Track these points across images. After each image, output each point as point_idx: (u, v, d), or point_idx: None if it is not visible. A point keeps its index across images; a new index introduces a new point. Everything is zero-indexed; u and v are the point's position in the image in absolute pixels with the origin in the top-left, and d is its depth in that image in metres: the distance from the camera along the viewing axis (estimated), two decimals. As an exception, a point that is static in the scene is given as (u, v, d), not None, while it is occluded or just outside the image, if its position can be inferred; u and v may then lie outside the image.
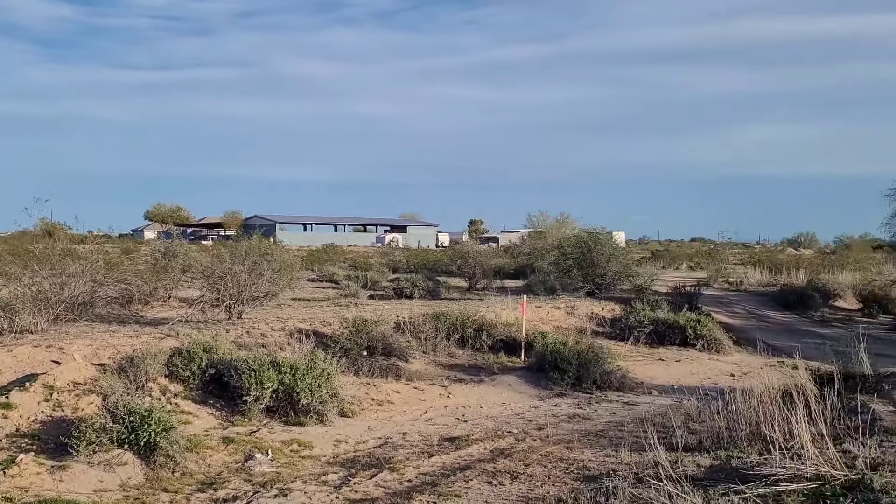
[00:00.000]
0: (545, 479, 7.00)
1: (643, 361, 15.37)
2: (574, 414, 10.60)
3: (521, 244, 45.71)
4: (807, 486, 5.33)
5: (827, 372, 9.19)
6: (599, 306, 20.30)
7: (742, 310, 25.41)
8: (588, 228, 27.01)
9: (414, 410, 10.80)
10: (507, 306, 17.58)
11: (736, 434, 7.38)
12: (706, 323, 17.63)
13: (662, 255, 52.38)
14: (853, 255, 40.69)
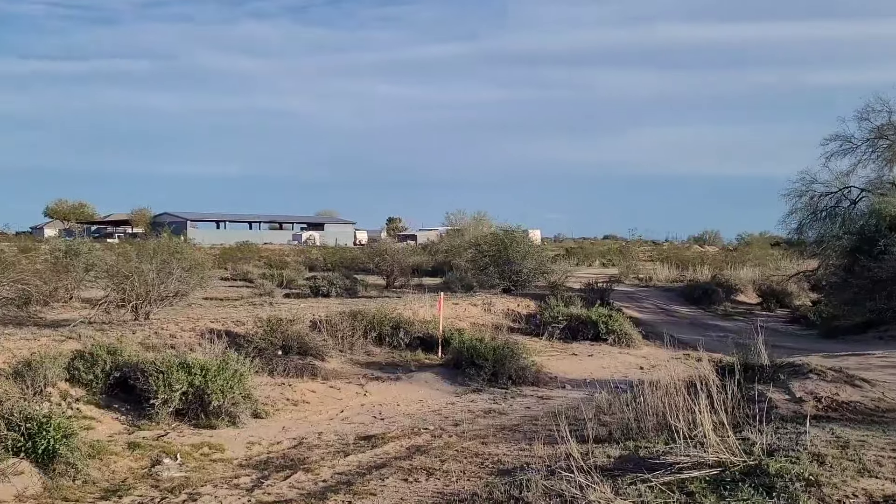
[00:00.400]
0: (460, 474, 7.05)
1: (557, 356, 15.71)
2: (490, 409, 10.73)
3: (439, 242, 45.90)
4: (708, 473, 5.55)
5: (728, 363, 9.61)
6: (515, 303, 20.61)
7: (651, 305, 26.34)
8: (504, 226, 27.39)
9: (330, 410, 10.68)
10: (425, 304, 17.61)
11: (644, 425, 7.61)
12: (617, 318, 18.18)
13: (576, 252, 53.58)
14: (753, 252, 42.74)
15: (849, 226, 23.22)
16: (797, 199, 25.68)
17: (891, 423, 6.99)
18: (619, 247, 60.15)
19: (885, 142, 24.47)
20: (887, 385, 9.15)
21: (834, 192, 25.34)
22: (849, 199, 25.10)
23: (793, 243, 28.72)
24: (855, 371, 10.08)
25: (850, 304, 19.50)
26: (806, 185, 25.51)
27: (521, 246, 24.34)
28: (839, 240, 23.08)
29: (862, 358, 12.47)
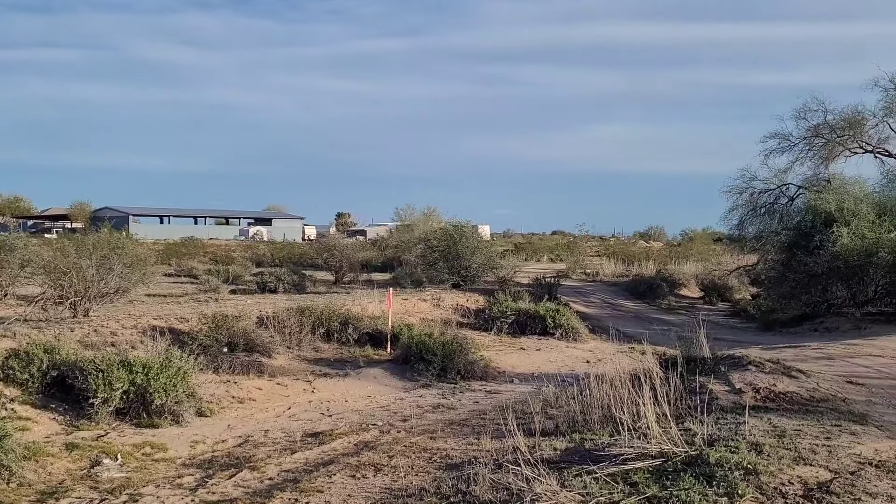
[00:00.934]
0: (408, 469, 7.04)
1: (506, 351, 15.82)
2: (438, 404, 10.74)
3: (388, 237, 45.77)
4: (652, 464, 5.66)
5: (672, 356, 9.83)
6: (464, 298, 20.68)
7: (598, 299, 26.75)
8: (454, 222, 27.42)
9: (277, 407, 10.54)
10: (374, 299, 17.54)
11: (590, 417, 7.71)
12: (564, 312, 18.40)
13: (525, 247, 54.16)
14: (696, 248, 43.80)
15: (786, 222, 23.98)
16: (738, 196, 26.41)
17: (825, 412, 7.23)
18: (567, 242, 60.87)
19: (820, 140, 25.32)
20: (822, 375, 9.48)
21: (773, 189, 26.12)
22: (787, 196, 25.91)
23: (734, 239, 29.50)
24: (792, 362, 10.42)
25: (788, 297, 20.16)
26: (746, 183, 26.26)
27: (470, 241, 24.43)
28: (777, 235, 23.81)
29: (798, 350, 12.90)
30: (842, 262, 18.34)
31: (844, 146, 25.25)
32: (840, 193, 21.23)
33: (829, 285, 19.42)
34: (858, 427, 6.59)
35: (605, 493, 5.11)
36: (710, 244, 44.37)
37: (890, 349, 12.36)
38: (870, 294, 19.29)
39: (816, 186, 24.24)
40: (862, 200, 20.48)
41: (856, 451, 5.77)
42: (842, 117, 25.13)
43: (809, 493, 4.84)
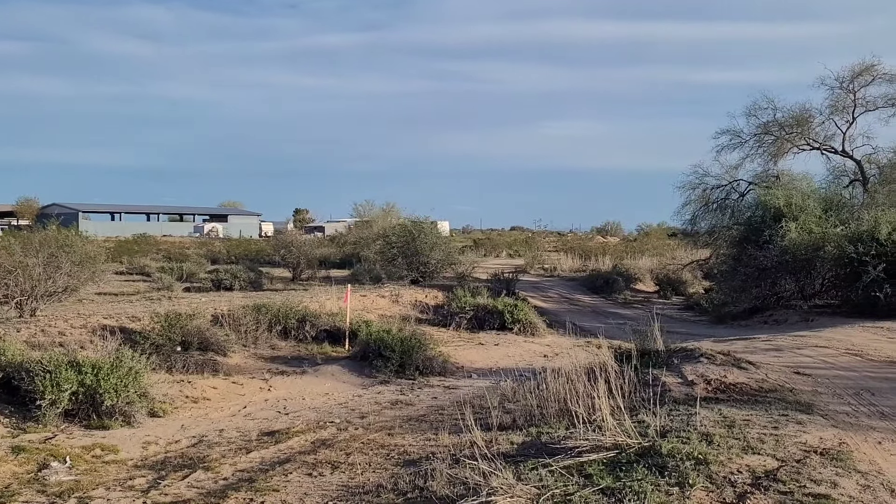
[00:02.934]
0: (366, 466, 7.01)
1: (464, 346, 15.87)
2: (397, 400, 10.72)
3: (347, 233, 45.50)
4: (606, 456, 5.73)
5: (626, 350, 9.98)
6: (423, 294, 20.69)
7: (555, 294, 27.02)
8: (413, 218, 27.43)
9: (232, 406, 10.41)
10: (332, 296, 17.44)
11: (546, 411, 7.78)
12: (523, 308, 18.54)
13: (484, 243, 54.41)
14: (651, 242, 44.58)
15: (737, 217, 24.57)
16: (691, 192, 27.01)
17: (773, 402, 7.41)
18: (526, 238, 61.38)
19: (770, 137, 25.99)
20: (770, 367, 9.71)
21: (724, 185, 26.74)
22: (738, 192, 26.55)
23: (687, 234, 30.11)
24: (742, 354, 10.65)
25: (739, 290, 20.61)
26: (699, 179, 26.85)
27: (429, 237, 24.46)
28: (729, 230, 24.37)
29: (748, 342, 13.18)
30: (790, 257, 18.84)
31: (793, 143, 25.97)
32: (788, 189, 21.80)
33: (779, 279, 19.91)
34: (804, 416, 6.77)
35: (561, 486, 5.16)
36: (664, 239, 45.19)
37: (835, 340, 12.73)
38: (817, 287, 19.84)
39: (766, 182, 24.88)
40: (809, 196, 21.06)
41: (802, 439, 5.93)
42: (790, 115, 25.86)
43: (757, 481, 4.96)
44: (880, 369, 9.96)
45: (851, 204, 22.40)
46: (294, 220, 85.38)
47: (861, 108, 25.09)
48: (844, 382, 8.82)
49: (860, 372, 9.69)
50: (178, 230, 71.03)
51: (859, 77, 24.88)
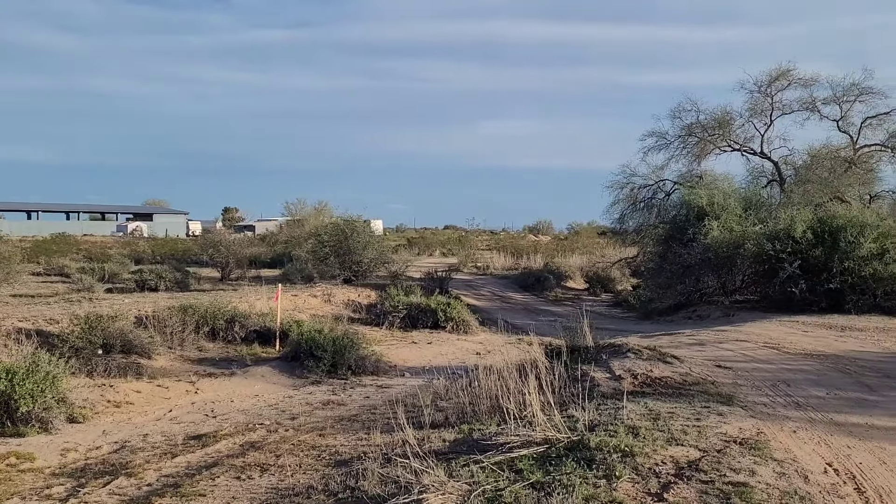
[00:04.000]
0: (296, 468, 6.90)
1: (397, 345, 15.83)
2: (328, 401, 10.60)
3: (278, 232, 44.83)
4: (536, 451, 5.81)
5: (557, 346, 10.13)
6: (356, 293, 20.55)
7: (488, 292, 27.25)
8: (346, 216, 27.22)
9: (157, 410, 10.09)
10: (262, 296, 17.13)
11: (478, 408, 7.83)
12: (455, 306, 18.62)
13: (418, 242, 54.43)
14: (582, 241, 45.50)
15: (663, 216, 25.29)
16: (619, 191, 27.67)
17: (696, 395, 7.65)
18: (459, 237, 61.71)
19: (694, 139, 26.85)
20: (694, 360, 10.03)
21: (651, 184, 27.49)
22: (664, 192, 27.33)
23: (616, 232, 30.83)
24: (667, 349, 10.96)
25: (665, 287, 21.22)
26: (627, 178, 27.54)
27: (362, 236, 24.33)
28: (655, 229, 25.06)
29: (673, 337, 13.59)
30: (712, 254, 19.50)
31: (715, 144, 26.90)
32: (711, 189, 22.56)
33: (702, 276, 20.59)
34: (725, 408, 7.02)
35: (492, 482, 5.20)
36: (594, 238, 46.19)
37: (754, 334, 13.25)
38: (737, 283, 20.60)
39: (690, 182, 25.68)
40: (730, 196, 21.83)
41: (722, 430, 6.14)
42: (712, 117, 26.78)
43: (680, 471, 5.10)
44: (796, 361, 10.42)
45: (769, 203, 23.36)
46: (223, 219, 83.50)
47: (778, 112, 26.20)
48: (763, 375, 9.19)
49: (777, 364, 10.12)
50: (100, 229, 68.46)
51: (776, 82, 25.96)
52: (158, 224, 72.99)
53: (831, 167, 25.09)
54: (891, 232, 16.70)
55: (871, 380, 9.08)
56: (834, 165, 25.17)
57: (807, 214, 18.54)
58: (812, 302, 16.35)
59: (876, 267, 15.92)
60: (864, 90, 24.99)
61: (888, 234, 16.56)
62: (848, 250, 16.24)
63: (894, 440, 6.30)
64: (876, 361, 10.50)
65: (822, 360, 10.42)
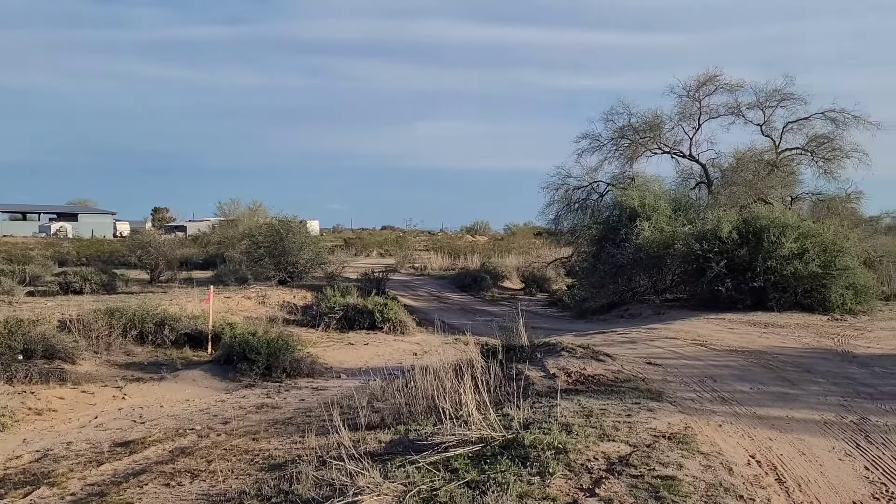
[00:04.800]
0: (228, 473, 6.76)
1: (334, 346, 15.69)
2: (262, 404, 10.42)
3: (211, 233, 43.86)
4: (472, 450, 5.83)
5: (493, 346, 10.19)
6: (291, 294, 20.28)
7: (425, 293, 27.29)
8: (281, 216, 26.83)
9: (82, 417, 9.72)
10: (194, 298, 16.73)
11: (415, 409, 7.82)
12: (393, 307, 18.58)
13: (355, 242, 54.07)
14: (518, 241, 46.01)
15: (597, 217, 25.78)
16: (554, 192, 28.11)
17: (627, 391, 7.82)
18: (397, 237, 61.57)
19: (626, 141, 27.48)
20: (625, 358, 10.26)
21: (585, 185, 28.02)
22: (597, 193, 27.89)
23: (551, 233, 31.30)
24: (600, 347, 11.19)
25: (598, 287, 21.64)
26: (562, 180, 28.00)
27: (297, 237, 24.03)
28: (589, 229, 25.52)
29: (606, 335, 13.88)
30: (644, 254, 20.00)
31: (646, 147, 27.59)
32: (642, 190, 23.13)
33: (634, 275, 21.09)
34: (655, 404, 7.20)
35: (427, 482, 5.20)
36: (531, 238, 46.74)
37: (683, 332, 13.64)
38: (668, 282, 21.18)
39: (622, 184, 26.26)
40: (660, 197, 22.42)
41: (652, 425, 6.29)
42: (643, 120, 27.47)
43: (611, 466, 5.21)
44: (722, 358, 10.78)
45: (698, 204, 24.10)
46: (153, 220, 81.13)
47: (706, 116, 27.05)
48: (691, 371, 9.47)
49: (705, 361, 10.44)
50: (21, 230, 65.55)
51: (703, 87, 26.79)
52: (84, 224, 70.37)
53: (755, 170, 26.05)
54: (810, 232, 17.42)
55: (791, 374, 9.46)
56: (758, 168, 26.14)
57: (732, 215, 19.19)
58: (737, 300, 16.92)
59: (796, 266, 16.58)
60: (785, 96, 26.06)
61: (808, 235, 17.27)
62: (770, 250, 16.88)
63: (813, 432, 6.58)
64: (796, 356, 10.96)
65: (747, 356, 10.81)
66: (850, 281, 16.70)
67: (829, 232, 17.67)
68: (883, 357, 11.03)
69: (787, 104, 26.12)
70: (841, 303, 16.37)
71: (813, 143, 26.07)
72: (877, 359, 10.85)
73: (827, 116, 25.62)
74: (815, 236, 17.30)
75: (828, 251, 17.04)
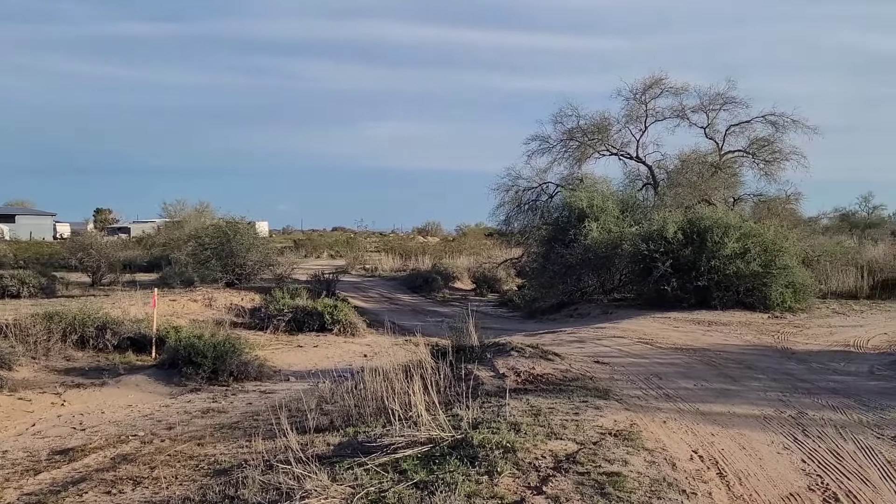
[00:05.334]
0: (172, 479, 6.60)
1: (283, 349, 15.50)
2: (208, 408, 10.22)
3: (155, 235, 42.91)
4: (421, 450, 5.83)
5: (443, 346, 10.23)
6: (239, 297, 19.98)
7: (376, 294, 27.18)
8: (228, 218, 26.39)
9: (19, 424, 9.38)
10: (137, 301, 16.32)
11: (364, 410, 7.77)
12: (343, 308, 18.43)
13: (305, 244, 53.52)
14: (469, 242, 46.15)
15: (546, 217, 26.05)
16: (505, 193, 28.32)
17: (575, 390, 7.92)
18: (347, 238, 61.16)
19: (575, 143, 27.84)
20: (574, 357, 10.40)
21: (535, 187, 28.29)
22: (547, 194, 28.19)
23: (502, 233, 31.52)
24: (549, 346, 11.31)
25: (548, 287, 21.87)
26: (512, 181, 28.21)
27: (245, 238, 23.67)
28: (539, 230, 25.78)
29: (555, 335, 14.03)
30: (592, 254, 20.28)
31: (594, 149, 28.00)
32: (591, 191, 23.45)
33: (583, 275, 21.38)
34: (602, 401, 7.31)
35: (376, 483, 5.18)
36: (482, 239, 46.93)
37: (630, 331, 13.88)
38: (615, 282, 21.52)
39: (571, 185, 26.63)
40: (608, 198, 22.77)
41: (599, 423, 6.39)
42: (592, 122, 27.87)
43: (559, 464, 5.27)
44: (667, 355, 11.00)
45: (644, 205, 24.57)
46: (94, 221, 78.90)
47: (652, 118, 27.58)
48: (637, 369, 9.64)
49: (650, 359, 10.65)
50: (-46, 232, 63.05)
51: (650, 90, 27.33)
52: (22, 226, 68.01)
53: (699, 171, 26.69)
54: (752, 233, 17.91)
55: (733, 371, 9.71)
56: (702, 170, 26.78)
57: (678, 216, 19.61)
58: (683, 299, 17.28)
59: (739, 265, 17.02)
60: (727, 99, 26.77)
61: (749, 235, 17.75)
62: (714, 250, 17.30)
63: (753, 427, 6.76)
64: (738, 353, 11.26)
65: (691, 354, 11.06)
66: (789, 280, 17.22)
67: (770, 232, 18.19)
68: (820, 353, 11.41)
69: (730, 108, 26.86)
70: (781, 301, 16.86)
71: (754, 145, 26.83)
72: (814, 355, 11.22)
73: (767, 120, 26.42)
74: (756, 236, 17.78)
75: (768, 251, 17.53)
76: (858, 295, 19.99)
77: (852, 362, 10.53)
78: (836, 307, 17.78)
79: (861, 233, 36.34)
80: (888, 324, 15.15)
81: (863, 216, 45.26)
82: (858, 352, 11.72)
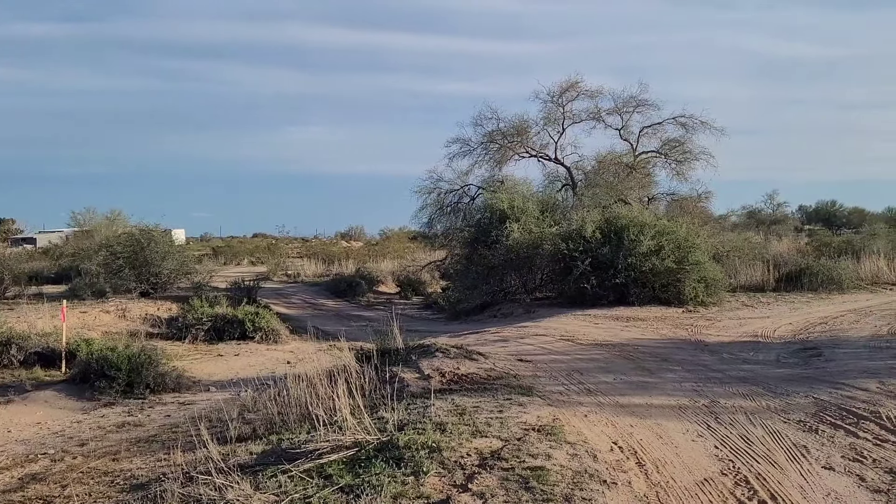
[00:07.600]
0: (86, 497, 6.33)
1: (202, 359, 15.08)
2: (124, 423, 9.84)
3: (64, 245, 41.04)
4: (346, 454, 5.77)
5: (368, 350, 10.17)
6: (155, 307, 19.34)
7: (299, 300, 26.81)
8: (141, 226, 25.46)
9: (-86, 449, 8.79)
10: (45, 314, 15.55)
11: (288, 417, 7.64)
12: (264, 315, 18.08)
13: (224, 251, 52.22)
14: (393, 245, 46.01)
15: (469, 219, 26.27)
16: (427, 196, 28.38)
17: (499, 388, 8.02)
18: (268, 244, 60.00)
19: (495, 145, 28.18)
20: (498, 356, 10.52)
21: (457, 189, 28.47)
22: (469, 196, 28.42)
23: (425, 236, 31.58)
24: (474, 346, 11.41)
25: (471, 288, 22.05)
26: (434, 183, 28.30)
27: (160, 246, 22.90)
28: (462, 232, 25.97)
29: (480, 335, 14.15)
30: (514, 255, 20.59)
31: (514, 151, 28.41)
32: (511, 193, 23.81)
33: (505, 275, 21.66)
34: (525, 398, 7.42)
35: (300, 490, 5.10)
36: (405, 242, 46.85)
37: (552, 328, 14.16)
38: (537, 281, 21.88)
39: (492, 187, 26.93)
40: (529, 199, 23.17)
41: (522, 419, 6.48)
42: (511, 125, 28.27)
43: (484, 461, 5.32)
44: (588, 351, 11.27)
45: (564, 206, 25.10)
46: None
47: (569, 121, 28.21)
48: (559, 365, 9.84)
49: (572, 355, 10.89)
50: None
51: (566, 93, 27.94)
52: (-85, 238, 63.79)
53: (616, 172, 27.47)
54: (665, 230, 18.55)
55: (650, 364, 10.04)
56: (618, 170, 27.57)
57: (595, 216, 20.10)
58: (602, 296, 17.74)
59: (654, 262, 17.60)
60: (640, 102, 27.67)
61: (663, 233, 18.38)
62: (630, 248, 17.83)
63: (669, 416, 7.01)
64: (654, 347, 11.65)
65: (611, 349, 11.37)
66: (701, 275, 17.93)
67: (682, 230, 18.89)
68: (730, 344, 11.94)
69: (643, 110, 27.76)
70: (694, 295, 17.53)
71: (666, 146, 27.82)
72: (725, 346, 11.72)
73: (678, 121, 27.45)
74: (669, 234, 18.42)
75: (681, 248, 18.20)
76: (765, 287, 21.01)
77: (760, 352, 11.06)
78: (745, 300, 18.63)
79: (767, 229, 38.25)
80: (792, 315, 15.99)
81: (768, 213, 47.69)
82: (766, 342, 12.32)
